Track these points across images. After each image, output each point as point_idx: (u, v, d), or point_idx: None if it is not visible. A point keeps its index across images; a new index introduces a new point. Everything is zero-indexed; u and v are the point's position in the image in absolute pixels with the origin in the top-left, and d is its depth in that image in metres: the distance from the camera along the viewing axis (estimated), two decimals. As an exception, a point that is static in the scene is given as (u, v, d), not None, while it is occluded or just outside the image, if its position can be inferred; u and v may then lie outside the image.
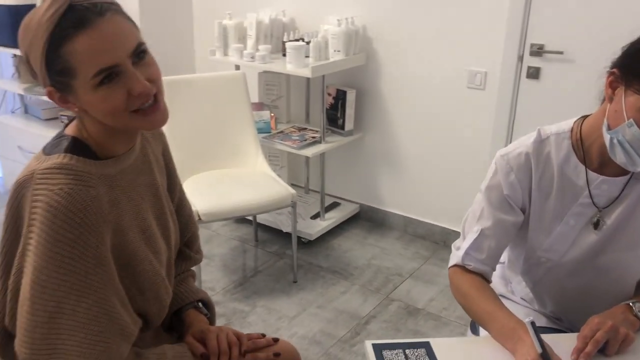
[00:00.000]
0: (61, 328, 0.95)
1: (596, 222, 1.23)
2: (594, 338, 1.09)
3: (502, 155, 1.27)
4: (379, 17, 2.97)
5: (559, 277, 1.30)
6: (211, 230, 3.24)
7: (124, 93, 0.97)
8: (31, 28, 0.94)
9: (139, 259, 1.08)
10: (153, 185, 1.16)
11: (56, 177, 0.96)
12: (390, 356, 1.09)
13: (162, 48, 3.48)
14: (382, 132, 3.16)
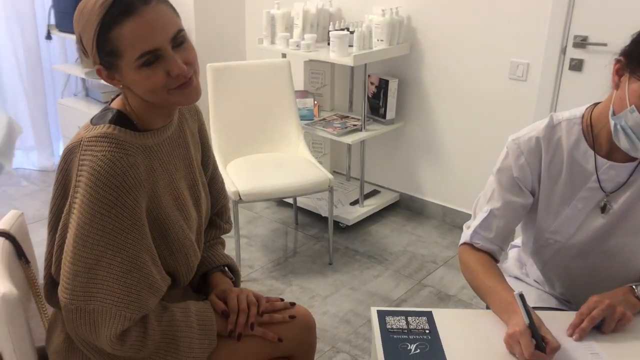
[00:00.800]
0: (98, 278, 1.08)
1: (603, 206, 1.26)
2: (591, 315, 1.13)
3: (513, 139, 1.31)
4: (424, 8, 3.00)
5: (566, 259, 1.33)
6: (254, 212, 3.37)
7: (164, 74, 1.08)
8: (85, 13, 1.06)
9: (170, 222, 1.19)
10: (187, 158, 1.28)
11: (100, 145, 1.08)
12: (392, 321, 1.17)
13: (214, 35, 3.66)
14: (423, 121, 3.20)
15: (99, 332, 1.09)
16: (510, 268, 1.57)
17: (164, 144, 1.20)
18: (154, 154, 1.17)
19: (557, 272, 1.39)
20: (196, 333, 1.19)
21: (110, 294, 1.08)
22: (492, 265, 1.30)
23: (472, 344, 1.12)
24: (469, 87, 2.95)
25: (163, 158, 1.20)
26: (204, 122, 1.39)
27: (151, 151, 1.17)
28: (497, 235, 1.33)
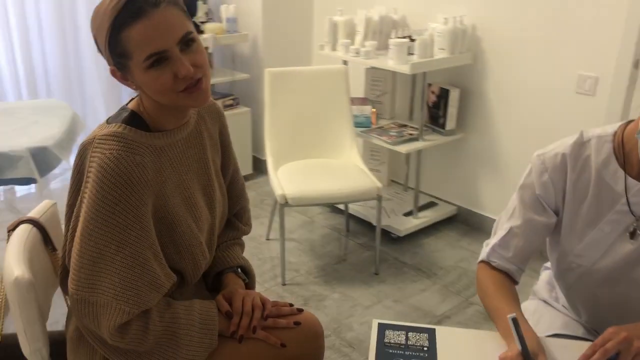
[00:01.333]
0: (101, 271, 1.12)
1: (633, 232, 1.16)
2: (604, 347, 1.04)
3: (538, 155, 1.24)
4: (489, 17, 2.91)
5: (591, 285, 1.24)
6: (307, 217, 3.39)
7: (171, 75, 1.11)
8: (99, 15, 1.10)
9: (177, 221, 1.22)
10: (202, 159, 1.30)
11: (109, 143, 1.13)
12: (392, 335, 1.13)
13: (281, 41, 3.73)
14: (485, 133, 3.09)
15: (100, 323, 1.13)
16: (540, 291, 1.49)
17: (177, 145, 1.23)
18: (164, 154, 1.20)
19: (582, 298, 1.29)
20: (197, 331, 1.21)
21: (112, 288, 1.12)
22: (506, 286, 1.23)
23: (472, 367, 1.07)
24: (534, 100, 2.82)
25: (174, 158, 1.22)
26: (226, 125, 1.41)
27: (161, 151, 1.20)
28: (516, 255, 1.26)
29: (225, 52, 3.91)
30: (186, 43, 1.12)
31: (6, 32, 3.36)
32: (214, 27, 3.42)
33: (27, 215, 1.31)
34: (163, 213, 1.19)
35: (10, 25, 3.37)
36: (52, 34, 3.48)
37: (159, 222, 1.19)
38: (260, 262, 2.92)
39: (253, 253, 3.00)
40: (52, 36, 3.48)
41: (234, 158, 1.44)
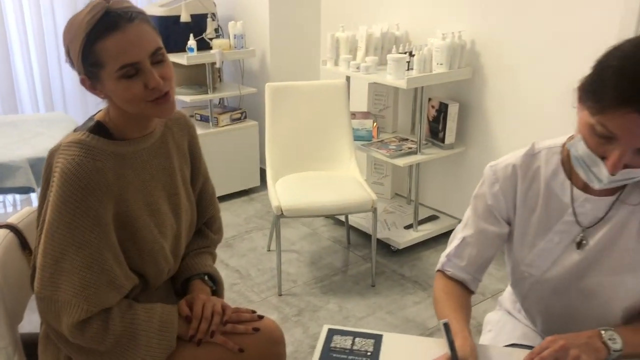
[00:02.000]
0: (63, 271, 1.19)
1: (579, 242, 1.18)
2: (541, 355, 1.06)
3: (490, 166, 1.27)
4: (487, 32, 2.93)
5: (543, 295, 1.26)
6: (310, 229, 3.43)
7: (141, 86, 1.18)
8: (74, 27, 1.18)
9: (139, 226, 1.28)
10: (168, 168, 1.37)
11: (72, 150, 1.21)
12: (339, 340, 1.17)
13: (288, 56, 3.81)
14: (485, 147, 3.10)
15: (61, 321, 1.20)
16: (504, 302, 1.51)
17: (140, 153, 1.30)
18: (126, 161, 1.27)
19: (535, 307, 1.31)
20: (156, 333, 1.26)
21: (72, 286, 1.19)
22: (456, 294, 1.26)
23: (411, 372, 1.09)
24: (534, 115, 2.83)
25: (136, 166, 1.29)
26: (196, 136, 1.47)
27: (123, 158, 1.26)
28: (470, 264, 1.28)
29: (234, 67, 4.01)
30: (156, 57, 1.19)
31: (25, 49, 3.53)
32: (222, 43, 3.52)
33: (6, 221, 1.39)
34: (125, 217, 1.26)
35: (29, 42, 3.54)
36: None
37: (121, 226, 1.26)
38: (260, 273, 2.97)
39: (253, 264, 3.05)
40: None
41: (204, 168, 1.51)
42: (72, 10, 3.58)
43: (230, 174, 3.76)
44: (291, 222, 3.50)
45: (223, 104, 4.01)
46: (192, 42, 3.42)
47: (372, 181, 3.56)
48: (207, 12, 3.57)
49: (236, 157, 3.77)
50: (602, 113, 0.99)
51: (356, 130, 3.19)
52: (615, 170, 1.01)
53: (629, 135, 0.97)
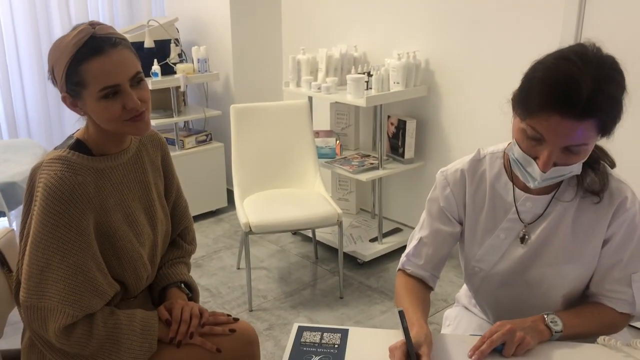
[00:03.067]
0: (48, 279, 1.25)
1: (522, 237, 1.31)
2: (490, 338, 1.16)
3: (441, 172, 1.39)
4: (440, 51, 3.10)
5: (492, 288, 1.37)
6: (279, 246, 3.51)
7: (120, 106, 1.28)
8: (60, 48, 1.26)
9: (118, 236, 1.36)
10: (144, 182, 1.45)
11: (54, 166, 1.28)
12: (308, 336, 1.26)
13: (252, 79, 3.93)
14: (443, 161, 3.24)
15: (47, 326, 1.26)
16: (460, 297, 1.62)
17: (118, 168, 1.38)
18: (105, 176, 1.35)
19: (487, 300, 1.42)
20: (138, 336, 1.33)
21: (57, 293, 1.25)
22: (416, 290, 1.36)
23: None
24: (488, 128, 2.99)
25: (115, 179, 1.37)
26: (168, 152, 1.56)
27: (103, 173, 1.35)
28: (427, 262, 1.39)
29: (198, 90, 4.09)
30: (136, 80, 1.29)
31: (-13, 78, 3.54)
32: (186, 67, 3.61)
33: (-16, 240, 1.44)
34: (105, 228, 1.33)
35: (-8, 70, 3.56)
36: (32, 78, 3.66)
37: (102, 236, 1.33)
38: (230, 290, 3.03)
39: (223, 282, 3.11)
40: (32, 81, 3.66)
41: (177, 182, 1.59)
42: (35, 38, 3.63)
43: (198, 195, 3.82)
44: (259, 240, 3.57)
45: (188, 126, 4.08)
46: (156, 67, 3.50)
47: (337, 197, 3.67)
48: (170, 37, 3.66)
49: (203, 179, 3.84)
50: (530, 117, 1.12)
51: (320, 148, 3.30)
52: (546, 168, 1.12)
53: (554, 135, 1.09)
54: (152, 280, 1.51)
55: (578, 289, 1.31)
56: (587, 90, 1.04)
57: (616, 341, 1.20)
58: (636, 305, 1.26)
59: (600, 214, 1.25)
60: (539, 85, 1.11)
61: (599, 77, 1.06)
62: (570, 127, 1.07)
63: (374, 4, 3.37)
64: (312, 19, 3.75)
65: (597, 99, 1.05)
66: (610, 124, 1.10)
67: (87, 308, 1.28)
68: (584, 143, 1.10)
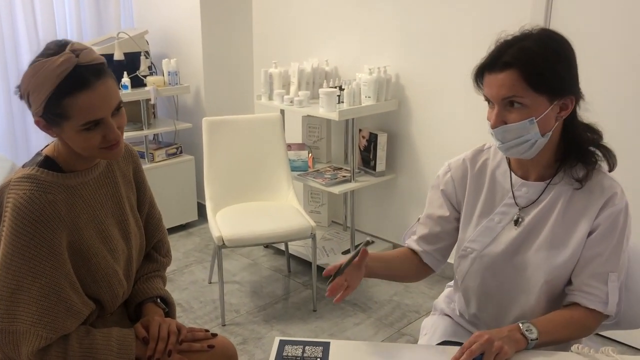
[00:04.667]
0: (20, 302, 1.22)
1: (516, 220, 1.39)
2: (470, 349, 1.19)
3: (447, 163, 1.51)
4: (411, 66, 3.16)
5: (481, 270, 1.43)
6: (251, 260, 3.49)
7: (100, 136, 1.26)
8: (39, 76, 1.21)
9: (92, 253, 1.34)
10: (116, 196, 1.44)
11: (23, 185, 1.25)
12: (290, 349, 1.26)
13: (223, 92, 3.92)
14: (414, 174, 3.30)
15: (20, 350, 1.22)
16: (438, 303, 1.68)
17: (89, 184, 1.36)
18: (76, 193, 1.33)
19: (473, 284, 1.46)
20: (115, 356, 1.30)
21: (30, 315, 1.22)
22: (401, 252, 1.55)
23: (358, 374, 1.20)
24: (459, 141, 3.05)
25: (86, 196, 1.35)
26: (140, 165, 1.55)
27: (73, 190, 1.32)
28: (421, 238, 1.53)
29: (168, 103, 4.06)
30: (116, 109, 1.28)
31: (-50, 89, 3.45)
32: (156, 79, 3.58)
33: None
34: (78, 245, 1.31)
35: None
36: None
37: (75, 254, 1.31)
38: (202, 305, 3.00)
39: (195, 296, 3.08)
40: (-4, 92, 3.58)
41: (150, 194, 1.58)
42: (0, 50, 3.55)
43: (168, 209, 3.76)
44: (231, 253, 3.55)
45: (158, 139, 4.05)
46: (126, 79, 3.46)
47: (310, 210, 3.68)
48: (140, 50, 3.63)
49: (173, 192, 3.80)
50: (480, 87, 1.32)
51: (292, 161, 3.31)
52: (494, 124, 1.27)
53: (489, 91, 1.27)
54: (128, 295, 1.49)
55: (560, 278, 1.35)
56: (507, 47, 1.26)
57: (589, 349, 1.24)
58: (609, 304, 1.32)
59: (590, 203, 1.33)
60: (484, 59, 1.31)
61: (523, 38, 1.26)
62: (495, 79, 1.25)
63: (344, 20, 3.41)
64: (284, 33, 3.78)
65: (513, 51, 1.24)
66: (534, 75, 1.22)
67: (61, 329, 1.25)
68: (518, 95, 1.23)
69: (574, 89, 1.28)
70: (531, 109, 1.24)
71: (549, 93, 1.24)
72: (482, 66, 1.30)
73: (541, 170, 1.36)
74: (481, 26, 2.81)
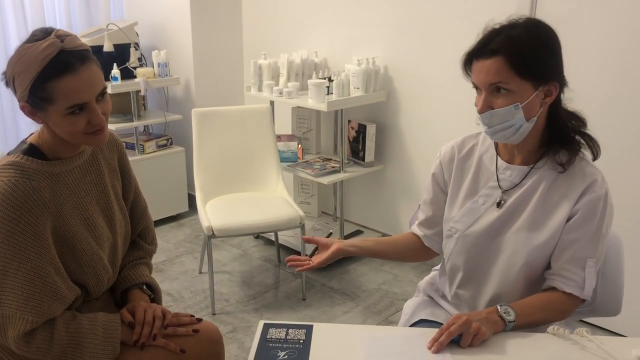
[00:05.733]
0: (6, 286, 1.24)
1: (499, 202, 1.43)
2: (448, 330, 1.23)
3: (440, 149, 1.58)
4: (398, 57, 3.18)
5: (465, 249, 1.47)
6: (241, 250, 3.52)
7: (85, 121, 1.28)
8: (25, 60, 1.23)
9: (77, 239, 1.36)
10: (100, 184, 1.46)
11: (8, 172, 1.27)
12: (273, 332, 1.29)
13: (213, 83, 3.93)
14: (402, 164, 3.33)
15: (7, 334, 1.24)
16: (422, 284, 1.72)
17: (73, 171, 1.38)
18: (60, 180, 1.35)
19: (457, 265, 1.50)
20: (100, 340, 1.33)
21: (15, 300, 1.24)
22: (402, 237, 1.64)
23: (337, 355, 1.23)
24: (446, 132, 3.08)
25: (71, 183, 1.37)
26: (125, 153, 1.57)
27: (58, 177, 1.34)
28: (421, 222, 1.61)
29: (159, 94, 4.07)
30: (101, 95, 1.29)
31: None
32: (146, 71, 3.59)
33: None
34: (63, 232, 1.33)
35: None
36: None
37: (60, 240, 1.33)
38: (192, 295, 3.02)
39: (185, 286, 3.10)
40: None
41: (135, 182, 1.60)
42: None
43: (158, 200, 3.80)
44: (221, 244, 3.57)
45: (148, 131, 4.06)
46: (115, 71, 3.47)
47: (300, 201, 3.71)
48: (129, 42, 3.63)
49: (163, 183, 3.82)
50: (469, 74, 1.36)
51: (282, 152, 3.33)
52: (481, 109, 1.32)
53: (477, 77, 1.31)
54: (113, 282, 1.51)
55: (538, 261, 1.39)
56: (494, 35, 1.30)
57: (564, 330, 1.28)
58: (585, 289, 1.35)
59: (570, 188, 1.36)
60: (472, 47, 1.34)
61: (510, 26, 1.30)
62: (483, 66, 1.29)
63: (333, 11, 3.43)
64: (273, 24, 3.79)
65: (500, 39, 1.28)
66: (520, 62, 1.26)
67: (47, 314, 1.27)
68: (504, 81, 1.27)
69: (558, 75, 1.32)
70: (517, 95, 1.28)
71: (534, 79, 1.28)
72: (470, 53, 1.34)
73: (526, 155, 1.40)
74: (469, 18, 2.84)
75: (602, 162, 1.41)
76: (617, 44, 2.41)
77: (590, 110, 1.44)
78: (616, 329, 2.62)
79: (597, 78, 2.48)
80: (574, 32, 2.48)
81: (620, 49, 2.41)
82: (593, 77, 2.49)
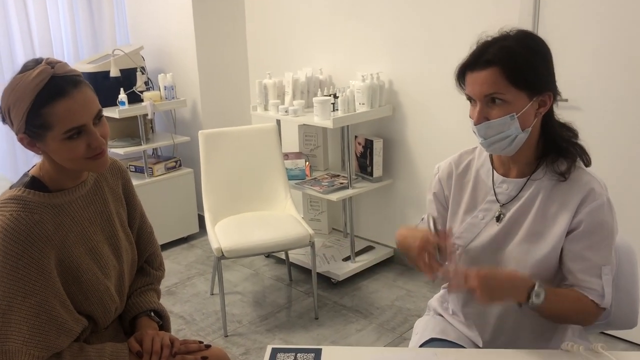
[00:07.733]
0: (11, 321, 1.24)
1: (498, 216, 1.42)
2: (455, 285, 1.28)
3: (437, 165, 1.57)
4: (403, 71, 3.18)
5: (467, 265, 1.44)
6: (252, 270, 3.51)
7: (84, 145, 1.28)
8: (18, 90, 1.25)
9: (82, 270, 1.35)
10: (105, 213, 1.45)
11: (10, 206, 1.27)
12: (282, 357, 1.27)
13: (219, 104, 3.95)
14: (411, 178, 3.31)
15: None
16: (432, 302, 1.69)
17: (76, 202, 1.38)
18: (63, 211, 1.35)
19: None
20: None
21: (21, 335, 1.23)
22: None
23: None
24: (453, 145, 3.05)
25: (74, 214, 1.37)
26: (129, 179, 1.57)
27: (61, 208, 1.34)
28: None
29: (166, 117, 4.10)
30: (97, 118, 1.30)
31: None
32: (152, 94, 3.61)
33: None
34: (68, 263, 1.33)
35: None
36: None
37: (65, 272, 1.32)
38: (204, 317, 3.01)
39: (197, 308, 3.09)
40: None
41: (140, 208, 1.59)
42: (-2, 71, 3.59)
43: (169, 222, 3.80)
44: (232, 264, 3.57)
45: (157, 154, 4.08)
46: (122, 95, 3.50)
47: (310, 218, 3.70)
48: (136, 66, 3.67)
49: (173, 205, 3.83)
50: (462, 86, 1.35)
51: (290, 170, 3.33)
52: (477, 121, 1.31)
53: (472, 89, 1.31)
54: (121, 310, 1.51)
55: (542, 274, 1.36)
56: (488, 47, 1.30)
57: (579, 346, 1.25)
58: (605, 297, 1.33)
59: (568, 198, 1.34)
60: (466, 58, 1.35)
61: (502, 38, 1.31)
62: (477, 77, 1.29)
63: (336, 29, 3.44)
64: (277, 43, 3.81)
65: (494, 50, 1.28)
66: (515, 72, 1.26)
67: (53, 348, 1.27)
68: (499, 91, 1.27)
69: (551, 85, 1.32)
70: (512, 105, 1.28)
71: (529, 89, 1.28)
72: (464, 65, 1.34)
73: (521, 167, 1.40)
74: (471, 30, 2.82)
75: (615, 173, 1.39)
76: (622, 53, 2.39)
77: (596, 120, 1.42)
78: (635, 339, 2.57)
79: (602, 88, 2.46)
80: (576, 44, 2.46)
81: (622, 55, 2.38)
82: (598, 86, 2.47)
